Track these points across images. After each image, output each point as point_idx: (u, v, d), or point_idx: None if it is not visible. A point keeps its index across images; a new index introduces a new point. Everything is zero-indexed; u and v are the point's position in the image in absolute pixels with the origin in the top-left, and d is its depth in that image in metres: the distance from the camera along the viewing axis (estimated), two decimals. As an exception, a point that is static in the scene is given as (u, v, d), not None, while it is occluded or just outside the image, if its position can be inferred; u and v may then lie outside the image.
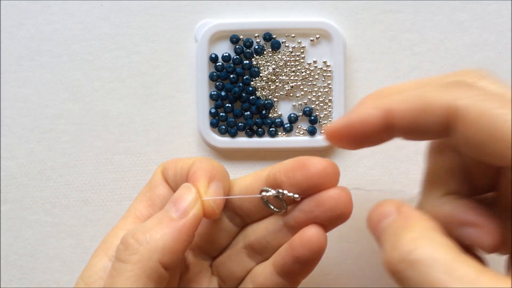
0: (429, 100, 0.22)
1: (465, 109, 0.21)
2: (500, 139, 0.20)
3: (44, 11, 0.38)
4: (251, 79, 0.37)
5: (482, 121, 0.21)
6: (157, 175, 0.31)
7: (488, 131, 0.21)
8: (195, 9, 0.38)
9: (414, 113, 0.23)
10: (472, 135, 0.21)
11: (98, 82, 0.39)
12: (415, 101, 0.23)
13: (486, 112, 0.21)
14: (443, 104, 0.22)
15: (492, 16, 0.37)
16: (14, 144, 0.39)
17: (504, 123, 0.20)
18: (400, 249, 0.21)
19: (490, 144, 0.21)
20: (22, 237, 0.39)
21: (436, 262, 0.20)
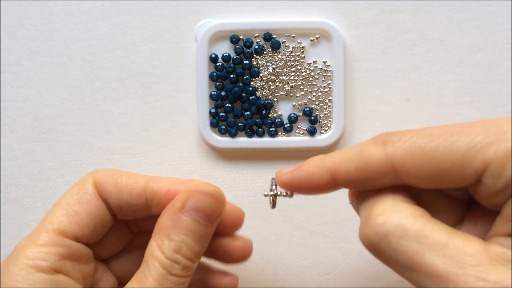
0: (368, 156, 0.23)
1: (401, 157, 0.22)
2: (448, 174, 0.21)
3: (44, 11, 0.38)
4: (251, 79, 0.37)
5: (420, 162, 0.22)
6: (88, 188, 0.28)
7: (434, 174, 0.22)
8: (195, 9, 0.38)
9: (355, 172, 0.24)
10: (417, 177, 0.22)
11: (98, 82, 0.39)
12: (354, 160, 0.24)
13: (421, 152, 0.22)
14: (383, 160, 0.23)
15: (492, 16, 0.37)
16: (14, 144, 0.39)
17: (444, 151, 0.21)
18: (371, 223, 0.22)
19: (441, 183, 0.22)
20: (22, 237, 0.39)
21: (406, 232, 0.21)
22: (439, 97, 0.37)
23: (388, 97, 0.38)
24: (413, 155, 0.22)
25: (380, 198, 0.23)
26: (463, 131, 0.22)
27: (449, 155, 0.21)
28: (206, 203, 0.27)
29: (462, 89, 0.37)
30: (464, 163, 0.21)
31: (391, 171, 0.23)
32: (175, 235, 0.26)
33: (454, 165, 0.21)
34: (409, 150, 0.22)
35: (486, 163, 0.21)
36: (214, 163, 0.39)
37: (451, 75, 0.37)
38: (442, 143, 0.21)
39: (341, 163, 0.24)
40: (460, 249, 0.20)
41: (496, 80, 0.37)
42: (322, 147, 0.38)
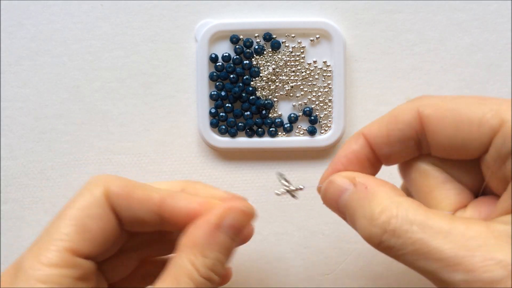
0: (396, 112, 0.25)
1: (429, 111, 0.24)
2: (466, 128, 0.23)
3: (44, 11, 0.38)
4: (251, 79, 0.37)
5: (446, 119, 0.23)
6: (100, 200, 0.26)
7: (453, 126, 0.23)
8: (195, 9, 0.38)
9: (385, 128, 0.25)
10: (440, 134, 0.24)
11: (98, 82, 0.39)
12: (384, 117, 0.26)
13: (448, 111, 0.23)
14: (410, 111, 0.24)
15: (492, 16, 0.37)
16: (14, 144, 0.39)
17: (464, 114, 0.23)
18: (376, 222, 0.22)
19: (458, 138, 0.23)
20: (22, 237, 0.39)
21: (413, 225, 0.22)
22: (439, 97, 0.37)
23: (388, 97, 0.38)
24: (438, 107, 0.24)
25: (372, 195, 0.24)
26: (485, 99, 0.23)
27: (470, 110, 0.23)
28: (242, 221, 0.26)
29: (462, 89, 0.37)
30: (482, 118, 0.22)
31: (419, 124, 0.24)
32: (210, 252, 0.25)
33: (473, 119, 0.23)
34: (435, 103, 0.24)
35: (502, 121, 0.22)
36: (214, 163, 0.39)
37: (451, 75, 0.37)
38: (468, 100, 0.23)
39: (373, 124, 0.26)
40: (463, 233, 0.21)
41: (496, 80, 0.37)
42: (322, 147, 0.38)
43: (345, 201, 0.25)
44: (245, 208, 0.26)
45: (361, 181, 0.25)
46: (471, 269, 0.20)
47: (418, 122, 0.24)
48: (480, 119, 0.23)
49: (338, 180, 0.25)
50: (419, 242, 0.21)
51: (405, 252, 0.22)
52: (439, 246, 0.21)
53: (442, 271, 0.21)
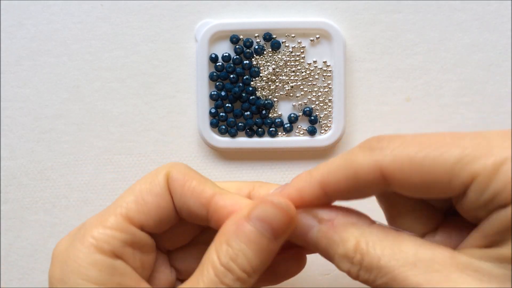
0: (355, 167, 0.23)
1: (392, 169, 0.22)
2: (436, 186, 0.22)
3: (44, 11, 0.38)
4: (251, 79, 0.37)
5: (412, 179, 0.22)
6: (161, 181, 0.27)
7: (421, 184, 0.22)
8: (195, 9, 0.38)
9: (344, 184, 0.24)
10: (406, 186, 0.23)
11: (98, 82, 0.39)
12: (342, 170, 0.24)
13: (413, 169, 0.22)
14: (370, 170, 0.23)
15: (492, 16, 0.37)
16: (14, 144, 0.39)
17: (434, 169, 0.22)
18: (353, 260, 0.23)
19: (427, 193, 0.23)
20: (22, 237, 0.39)
21: (380, 260, 0.22)
22: (439, 97, 0.37)
23: (388, 97, 0.38)
24: (402, 163, 0.22)
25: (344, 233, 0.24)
26: (453, 142, 0.22)
27: (437, 165, 0.22)
28: (274, 215, 0.25)
29: (462, 89, 0.37)
30: (452, 175, 0.21)
31: (381, 179, 0.23)
32: (235, 242, 0.24)
33: (443, 176, 0.21)
34: (398, 158, 0.22)
35: (473, 176, 0.21)
36: (214, 163, 0.39)
37: (451, 75, 0.37)
38: (432, 153, 0.22)
39: (330, 174, 0.24)
40: (427, 265, 0.21)
41: (496, 80, 0.37)
42: (322, 147, 0.38)
43: (314, 238, 0.25)
44: (277, 202, 0.25)
45: (326, 217, 0.24)
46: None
47: (381, 179, 0.23)
48: (449, 175, 0.21)
49: (301, 218, 0.25)
50: (388, 276, 0.22)
51: (378, 284, 0.22)
52: (407, 278, 0.21)
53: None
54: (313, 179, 0.25)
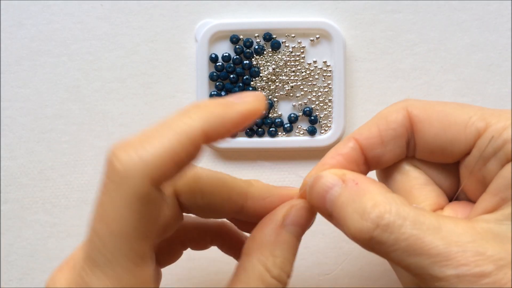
0: (385, 113, 0.26)
1: (417, 112, 0.25)
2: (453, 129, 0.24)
3: (44, 11, 0.38)
4: (251, 79, 0.37)
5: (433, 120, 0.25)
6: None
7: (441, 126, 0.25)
8: (195, 9, 0.38)
9: (376, 129, 0.26)
10: (428, 133, 0.25)
11: (98, 82, 0.39)
12: (373, 120, 0.26)
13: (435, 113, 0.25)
14: (400, 111, 0.26)
15: (492, 16, 0.37)
16: (14, 144, 0.39)
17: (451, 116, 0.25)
18: (368, 217, 0.22)
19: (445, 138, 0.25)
20: (22, 237, 0.39)
21: (405, 221, 0.22)
22: (439, 97, 0.37)
23: (388, 97, 0.38)
24: (426, 108, 0.25)
25: (363, 192, 0.23)
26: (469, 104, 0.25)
27: (457, 112, 0.24)
28: (305, 218, 0.26)
29: (462, 89, 0.37)
30: (468, 121, 0.24)
31: (407, 121, 0.25)
32: (279, 251, 0.25)
33: (460, 120, 0.24)
34: (422, 105, 0.26)
35: (487, 125, 0.23)
36: (214, 163, 0.39)
37: (451, 75, 0.37)
38: (452, 104, 0.25)
39: (362, 127, 0.26)
40: (453, 230, 0.22)
41: (496, 80, 0.37)
42: (322, 147, 0.38)
43: (333, 197, 0.24)
44: (307, 205, 0.26)
45: (351, 178, 0.24)
46: (463, 264, 0.21)
47: (408, 121, 0.26)
48: (466, 121, 0.24)
49: (326, 175, 0.25)
50: (412, 238, 0.21)
51: (396, 248, 0.22)
52: (432, 242, 0.21)
53: (433, 267, 0.21)
54: (348, 136, 0.27)
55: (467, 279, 0.20)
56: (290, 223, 0.25)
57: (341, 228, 0.24)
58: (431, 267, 0.21)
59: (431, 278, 0.21)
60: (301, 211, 0.26)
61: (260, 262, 0.24)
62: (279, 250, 0.25)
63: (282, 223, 0.25)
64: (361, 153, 0.26)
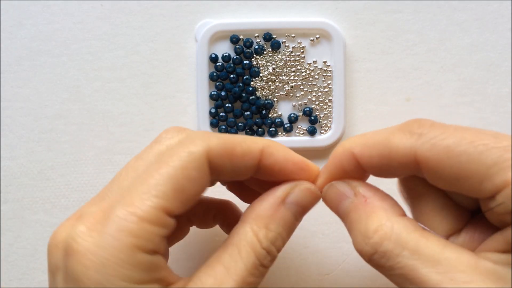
0: (390, 146, 0.24)
1: (427, 156, 0.23)
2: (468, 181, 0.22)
3: (44, 11, 0.38)
4: (251, 79, 0.37)
5: (446, 170, 0.22)
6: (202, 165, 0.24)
7: (454, 177, 0.22)
8: (195, 9, 0.38)
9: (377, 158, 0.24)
10: (437, 175, 0.23)
11: (98, 82, 0.39)
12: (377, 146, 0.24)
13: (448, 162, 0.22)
14: (405, 152, 0.23)
15: (492, 16, 0.37)
16: (14, 144, 0.39)
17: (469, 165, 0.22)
18: (369, 241, 0.23)
19: (458, 187, 0.22)
20: (22, 237, 0.39)
21: (404, 249, 0.22)
22: (439, 97, 0.37)
23: (388, 97, 0.38)
24: (438, 153, 0.22)
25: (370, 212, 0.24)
26: (494, 142, 0.21)
27: (474, 163, 0.21)
28: (307, 199, 0.26)
29: (462, 89, 0.37)
30: (486, 176, 0.21)
31: (414, 163, 0.23)
32: (273, 225, 0.25)
33: (476, 175, 0.21)
34: (435, 148, 0.22)
35: (507, 182, 0.21)
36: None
37: (451, 75, 0.37)
38: (470, 150, 0.22)
39: (365, 148, 0.25)
40: (452, 265, 0.21)
41: (496, 80, 0.37)
42: (322, 147, 0.38)
43: (344, 207, 0.25)
44: (312, 188, 0.26)
45: (362, 192, 0.25)
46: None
47: (414, 163, 0.23)
48: (483, 175, 0.21)
49: (339, 185, 0.26)
50: (408, 268, 0.22)
51: (392, 274, 0.22)
52: (427, 275, 0.21)
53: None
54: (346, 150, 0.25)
55: None
56: (291, 201, 0.26)
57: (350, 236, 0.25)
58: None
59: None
60: (305, 192, 0.26)
61: (253, 231, 0.25)
62: (274, 224, 0.25)
63: (283, 200, 0.26)
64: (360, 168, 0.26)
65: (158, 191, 0.23)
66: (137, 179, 0.24)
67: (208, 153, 0.24)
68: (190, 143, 0.24)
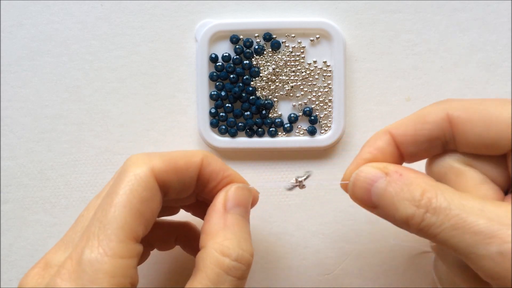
0: (424, 112, 0.27)
1: (459, 113, 0.26)
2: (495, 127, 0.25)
3: (44, 11, 0.38)
4: (251, 79, 0.37)
5: (475, 120, 0.25)
6: (149, 183, 0.25)
7: (483, 126, 0.25)
8: (195, 9, 0.38)
9: (412, 127, 0.27)
10: (470, 133, 0.25)
11: (98, 82, 0.39)
12: (411, 117, 0.27)
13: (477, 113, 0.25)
14: (439, 112, 0.26)
15: (492, 16, 0.37)
16: (14, 144, 0.39)
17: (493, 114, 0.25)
18: (419, 203, 0.24)
19: (488, 137, 0.25)
20: (22, 237, 0.39)
21: (450, 203, 0.23)
22: (439, 97, 0.37)
23: (388, 97, 0.38)
24: (467, 108, 0.25)
25: (412, 182, 0.25)
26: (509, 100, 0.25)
27: (498, 110, 0.25)
28: (243, 197, 0.28)
29: (462, 89, 0.37)
30: (510, 119, 0.24)
31: (447, 124, 0.26)
32: (230, 234, 0.26)
33: (502, 118, 0.24)
34: (463, 105, 0.26)
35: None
36: (214, 163, 0.39)
37: (451, 75, 0.37)
38: (492, 102, 0.25)
39: (399, 123, 0.27)
40: (494, 211, 0.23)
41: (496, 80, 0.37)
42: (322, 147, 0.38)
43: (379, 189, 0.25)
44: (240, 185, 0.28)
45: (394, 170, 0.26)
46: (506, 241, 0.22)
47: (447, 123, 0.26)
48: (508, 118, 0.24)
49: (368, 170, 0.26)
50: (456, 218, 0.23)
51: (443, 229, 0.23)
52: (474, 221, 0.22)
53: (477, 245, 0.22)
54: (384, 129, 0.27)
55: (510, 256, 0.21)
56: (232, 206, 0.27)
57: (390, 217, 0.25)
58: (475, 245, 0.22)
59: (476, 257, 0.22)
60: (237, 192, 0.28)
61: (216, 250, 0.25)
62: (230, 233, 0.26)
63: (224, 209, 0.27)
64: (396, 147, 0.27)
65: (120, 223, 0.23)
66: (96, 217, 0.24)
67: (153, 171, 0.25)
68: (134, 167, 0.25)
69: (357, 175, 0.26)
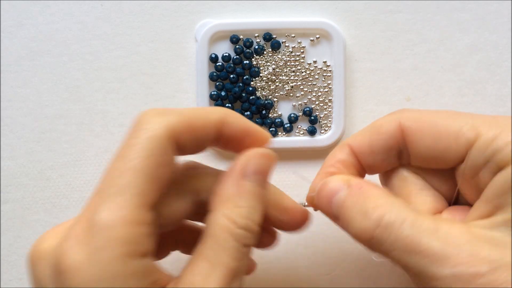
0: (378, 123, 0.27)
1: (410, 123, 0.26)
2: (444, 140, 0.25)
3: (44, 11, 0.38)
4: (251, 79, 0.37)
5: (425, 132, 0.26)
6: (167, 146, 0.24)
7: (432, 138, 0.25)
8: (195, 9, 0.38)
9: (368, 138, 0.27)
10: (420, 144, 0.26)
11: (98, 82, 0.39)
12: (367, 128, 0.27)
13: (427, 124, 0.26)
14: (392, 123, 0.26)
15: (492, 16, 0.37)
16: (14, 144, 0.39)
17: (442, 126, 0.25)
18: (370, 217, 0.24)
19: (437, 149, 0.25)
20: (22, 237, 0.39)
21: (404, 222, 0.23)
22: (439, 97, 0.37)
23: (388, 97, 0.38)
24: (418, 119, 0.26)
25: (367, 195, 0.25)
26: (466, 114, 0.25)
27: (447, 123, 0.25)
28: (264, 164, 0.26)
29: (462, 89, 0.37)
30: (459, 131, 0.24)
31: (399, 133, 0.26)
32: (242, 201, 0.25)
33: (451, 131, 0.25)
34: (415, 116, 0.26)
35: (478, 134, 0.24)
36: (214, 163, 0.39)
37: (451, 75, 0.37)
38: (444, 114, 0.26)
39: (356, 135, 0.28)
40: (449, 232, 0.22)
41: (496, 80, 0.37)
42: (322, 147, 0.38)
43: (339, 200, 0.25)
44: (264, 151, 0.26)
45: (355, 183, 0.26)
46: (458, 263, 0.21)
47: (399, 133, 0.26)
48: (457, 131, 0.25)
49: (332, 181, 0.26)
50: (409, 238, 0.22)
51: (395, 247, 0.23)
52: (428, 242, 0.22)
53: (430, 266, 0.22)
54: (344, 142, 0.28)
55: (463, 278, 0.21)
56: (251, 173, 0.26)
57: (346, 229, 0.25)
58: (428, 266, 0.22)
59: (428, 277, 0.22)
60: (259, 159, 0.26)
61: (225, 215, 0.24)
62: (242, 200, 0.25)
63: (242, 174, 0.25)
64: (356, 160, 0.28)
65: (136, 189, 0.23)
66: (112, 179, 0.23)
67: (171, 131, 0.24)
68: (151, 126, 0.24)
69: (322, 185, 0.27)
